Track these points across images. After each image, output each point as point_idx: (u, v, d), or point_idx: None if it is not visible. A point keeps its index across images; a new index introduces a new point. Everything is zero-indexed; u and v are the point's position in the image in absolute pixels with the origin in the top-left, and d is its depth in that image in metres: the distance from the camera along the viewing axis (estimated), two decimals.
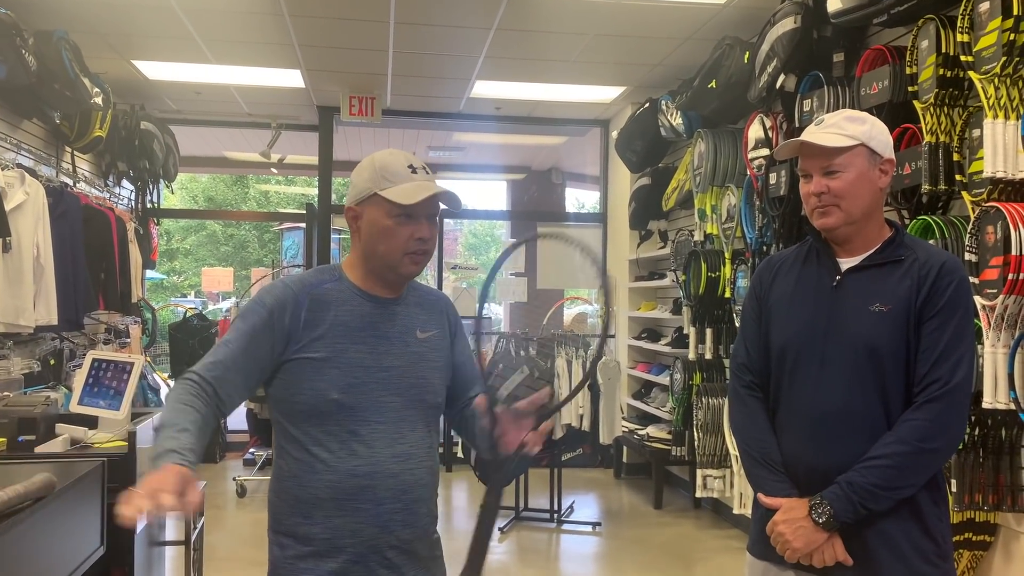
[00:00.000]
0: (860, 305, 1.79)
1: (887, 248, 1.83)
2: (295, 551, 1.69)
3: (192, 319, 7.64)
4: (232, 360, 1.67)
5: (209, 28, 5.25)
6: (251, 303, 1.75)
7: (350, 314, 1.75)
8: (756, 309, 1.99)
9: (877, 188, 1.83)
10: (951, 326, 1.73)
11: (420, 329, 1.82)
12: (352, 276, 1.80)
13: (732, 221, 4.96)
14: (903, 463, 1.70)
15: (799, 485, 1.82)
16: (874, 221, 1.85)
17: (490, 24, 5.11)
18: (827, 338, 1.81)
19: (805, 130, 1.89)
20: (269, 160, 7.88)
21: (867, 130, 1.81)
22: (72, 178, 5.57)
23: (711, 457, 5.16)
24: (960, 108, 3.15)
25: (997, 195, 2.88)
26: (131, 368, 2.84)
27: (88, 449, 2.74)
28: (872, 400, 1.74)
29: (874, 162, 1.82)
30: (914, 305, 1.75)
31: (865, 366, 1.76)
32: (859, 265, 1.84)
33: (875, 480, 1.69)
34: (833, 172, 1.80)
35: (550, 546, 5.25)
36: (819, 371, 1.79)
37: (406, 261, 1.75)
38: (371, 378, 1.72)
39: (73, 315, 4.84)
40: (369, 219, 1.74)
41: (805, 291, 1.89)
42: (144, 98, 6.78)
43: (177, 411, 1.60)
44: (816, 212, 1.84)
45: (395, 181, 1.72)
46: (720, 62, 4.82)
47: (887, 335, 1.75)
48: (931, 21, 3.17)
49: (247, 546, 4.99)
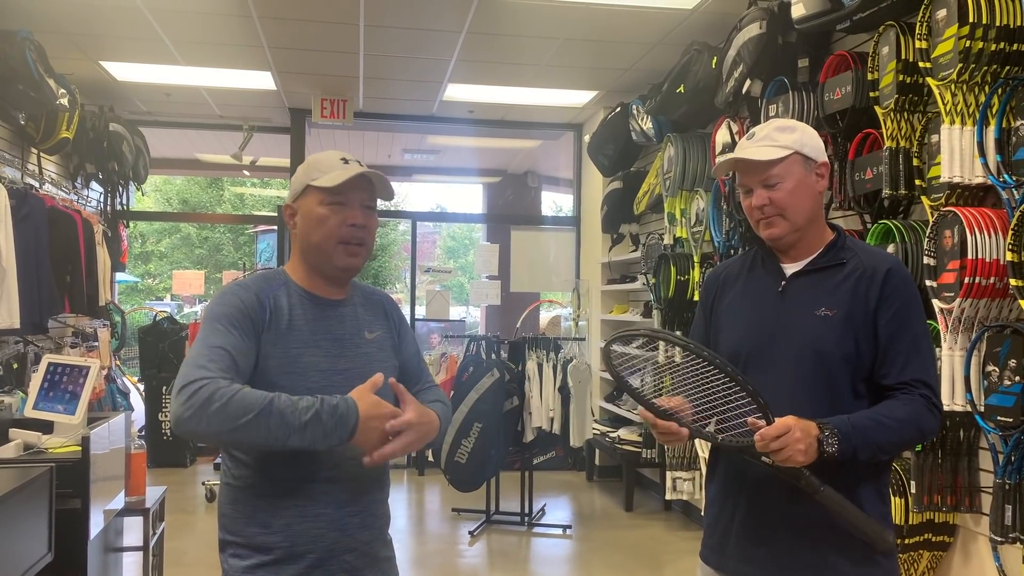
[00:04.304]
0: (806, 310, 1.81)
1: (829, 252, 1.86)
2: (255, 560, 1.67)
3: (163, 322, 7.58)
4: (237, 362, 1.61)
5: (177, 29, 5.21)
6: (222, 308, 1.67)
7: (303, 318, 1.74)
8: (704, 319, 2.02)
9: (816, 192, 1.86)
10: (911, 324, 1.77)
11: (368, 330, 1.83)
12: (296, 278, 1.80)
13: (701, 225, 4.98)
14: (904, 433, 1.73)
15: (746, 488, 1.82)
16: (816, 225, 1.88)
17: (461, 27, 5.10)
18: (774, 343, 1.82)
19: (738, 146, 1.92)
20: (241, 162, 7.84)
21: (798, 138, 1.83)
22: (38, 180, 5.51)
23: (680, 459, 5.18)
24: (919, 114, 3.18)
25: (955, 200, 2.92)
26: (88, 372, 2.81)
27: (41, 454, 2.70)
28: (820, 403, 1.75)
29: (809, 167, 1.84)
30: (865, 309, 1.77)
31: (813, 369, 1.77)
32: (803, 270, 1.86)
33: (881, 439, 1.69)
34: (772, 184, 1.82)
35: (520, 549, 5.24)
36: (767, 375, 1.79)
37: (340, 251, 1.75)
38: (328, 382, 1.70)
39: (37, 318, 4.77)
40: (304, 211, 1.77)
41: (752, 298, 1.91)
42: (113, 99, 6.71)
43: (261, 396, 1.53)
44: (761, 224, 1.87)
45: (326, 171, 1.75)
46: (688, 67, 4.84)
47: (834, 339, 1.77)
48: (891, 28, 3.20)
49: (216, 551, 4.93)
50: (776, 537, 1.78)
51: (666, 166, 5.38)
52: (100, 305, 5.94)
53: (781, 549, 1.77)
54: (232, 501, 1.72)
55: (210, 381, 1.53)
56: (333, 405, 1.55)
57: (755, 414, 1.66)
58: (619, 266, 6.95)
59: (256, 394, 1.54)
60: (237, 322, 1.65)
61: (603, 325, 7.11)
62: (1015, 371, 2.59)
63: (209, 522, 5.69)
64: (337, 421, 1.55)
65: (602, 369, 7.00)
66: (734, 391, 1.67)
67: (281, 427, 1.52)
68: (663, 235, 5.60)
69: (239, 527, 1.70)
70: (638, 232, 6.62)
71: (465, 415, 5.34)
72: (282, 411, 1.52)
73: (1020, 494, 2.61)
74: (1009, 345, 2.62)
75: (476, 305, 12.21)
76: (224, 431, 1.51)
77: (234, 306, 1.67)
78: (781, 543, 1.77)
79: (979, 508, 2.92)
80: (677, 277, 5.11)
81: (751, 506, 1.81)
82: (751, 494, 1.81)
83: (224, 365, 1.58)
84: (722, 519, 1.88)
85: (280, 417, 1.52)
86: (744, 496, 1.83)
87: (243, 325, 1.66)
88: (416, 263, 8.27)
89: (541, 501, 6.05)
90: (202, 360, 1.57)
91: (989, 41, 2.74)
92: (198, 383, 1.52)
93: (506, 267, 7.84)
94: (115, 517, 3.23)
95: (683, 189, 5.22)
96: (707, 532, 1.96)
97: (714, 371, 1.68)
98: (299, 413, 1.53)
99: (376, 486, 1.79)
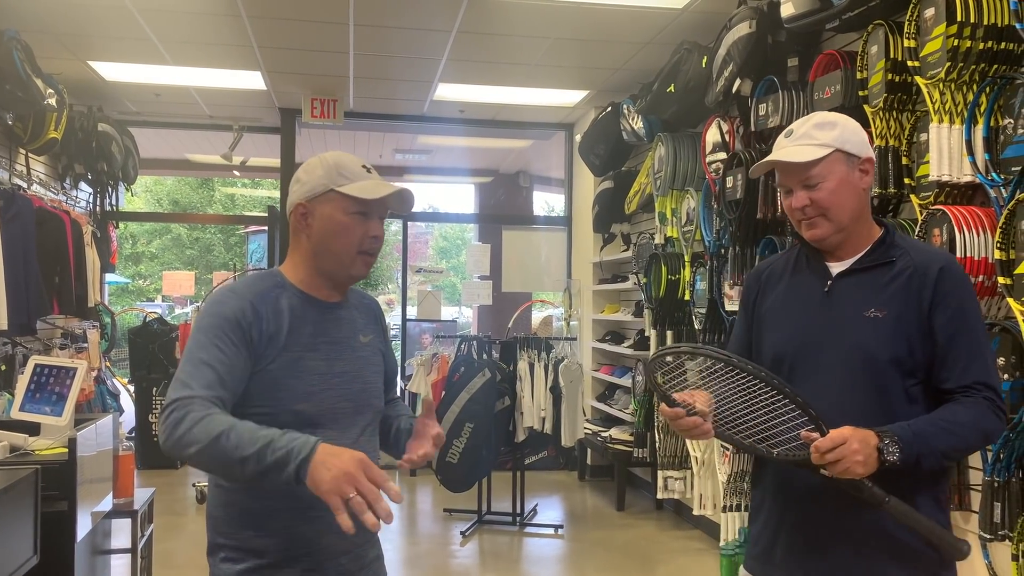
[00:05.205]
0: (854, 311, 1.74)
1: (877, 250, 1.78)
2: (248, 564, 1.65)
3: (152, 323, 7.55)
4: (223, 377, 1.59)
5: (166, 29, 5.19)
6: (210, 319, 1.64)
7: (301, 321, 1.71)
8: (746, 321, 1.94)
9: (860, 190, 1.77)
10: (970, 325, 1.70)
11: (362, 333, 1.82)
12: (295, 279, 1.76)
13: (691, 224, 4.99)
14: (968, 438, 1.67)
15: (797, 498, 1.75)
16: (863, 223, 1.79)
17: (451, 27, 5.10)
18: (822, 346, 1.75)
19: (776, 143, 1.84)
20: (231, 162, 7.81)
21: (839, 134, 1.75)
22: (26, 180, 5.47)
23: (672, 459, 5.18)
24: (908, 112, 3.18)
25: (943, 198, 2.92)
26: (75, 373, 2.79)
27: (27, 456, 2.68)
28: (870, 408, 1.68)
29: (852, 164, 1.76)
30: (919, 310, 1.70)
31: (862, 373, 1.71)
32: (849, 269, 1.78)
33: (945, 445, 1.63)
34: (813, 184, 1.74)
35: (512, 549, 5.23)
36: (815, 379, 1.72)
37: (359, 262, 1.73)
38: (327, 385, 1.69)
39: (25, 319, 4.75)
40: (323, 215, 1.71)
41: (797, 299, 1.83)
42: (102, 99, 6.68)
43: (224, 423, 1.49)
44: (804, 224, 1.79)
45: (352, 178, 1.71)
46: (678, 66, 4.84)
47: (884, 341, 1.70)
48: (880, 27, 3.20)
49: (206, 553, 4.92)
50: (828, 548, 1.71)
51: (657, 166, 5.38)
52: (89, 306, 5.91)
53: (835, 560, 1.71)
54: (224, 504, 1.69)
55: (188, 402, 1.52)
56: (290, 438, 1.46)
57: (808, 426, 1.60)
58: (610, 266, 6.95)
59: (222, 419, 1.50)
60: (226, 333, 1.61)
61: (594, 325, 7.11)
62: (1004, 369, 2.60)
63: (199, 524, 5.65)
64: (285, 454, 1.44)
65: (594, 369, 7.01)
66: (783, 403, 1.60)
67: (235, 453, 1.46)
68: (654, 235, 5.60)
69: (232, 530, 1.67)
70: (629, 232, 6.62)
71: (456, 415, 5.33)
72: (240, 436, 1.47)
73: (1009, 492, 2.61)
74: (998, 343, 2.63)
75: (468, 305, 12.20)
76: (194, 455, 1.49)
77: (223, 316, 1.63)
78: (834, 554, 1.71)
79: (968, 506, 2.92)
80: (668, 276, 5.12)
81: (801, 515, 1.75)
82: (801, 503, 1.74)
83: (207, 382, 1.55)
84: (768, 527, 1.82)
85: (237, 443, 1.46)
86: (794, 505, 1.76)
87: (233, 335, 1.62)
88: (408, 263, 8.27)
89: (533, 501, 6.05)
90: (185, 377, 1.56)
91: (977, 40, 2.74)
92: (175, 403, 1.53)
93: (498, 267, 7.84)
94: (103, 519, 3.21)
95: (674, 188, 5.22)
96: (752, 541, 1.88)
97: (761, 385, 1.61)
98: (254, 441, 1.46)
99: None
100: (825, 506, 1.69)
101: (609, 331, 6.95)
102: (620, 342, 6.62)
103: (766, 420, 1.64)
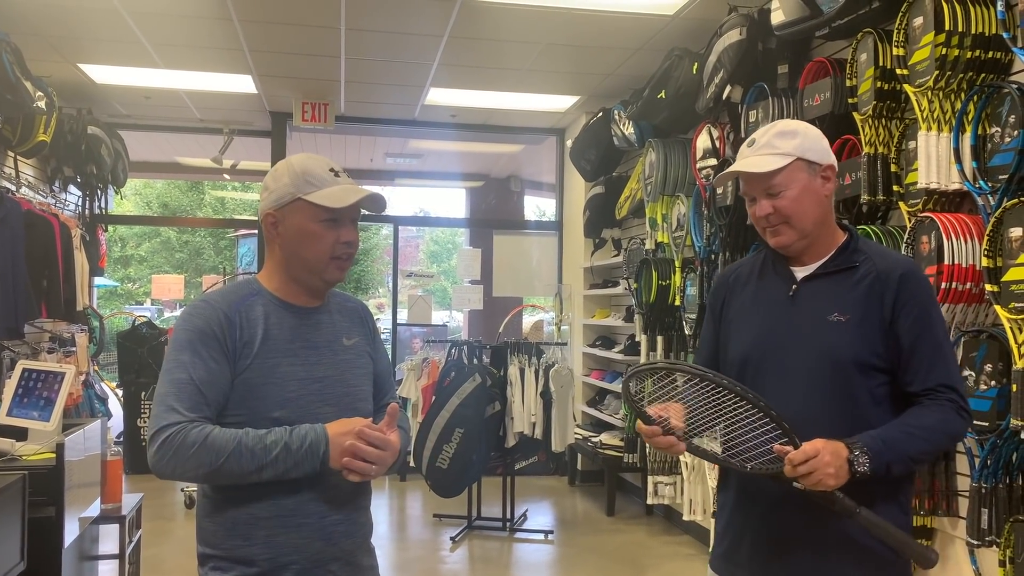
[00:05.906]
0: (818, 315, 1.76)
1: (841, 255, 1.81)
2: (236, 573, 1.65)
3: (141, 327, 7.52)
4: (205, 394, 1.62)
5: (157, 32, 5.17)
6: (186, 333, 1.65)
7: (278, 327, 1.71)
8: (713, 325, 1.96)
9: (823, 197, 1.80)
10: (932, 329, 1.73)
11: (345, 336, 1.81)
12: (271, 286, 1.76)
13: (682, 230, 5.00)
14: (934, 441, 1.69)
15: (758, 499, 1.78)
16: (826, 229, 1.82)
17: (442, 32, 5.10)
18: (787, 349, 1.78)
19: (739, 152, 1.87)
20: (221, 166, 7.78)
21: (800, 143, 1.78)
22: (15, 183, 5.45)
23: (662, 464, 5.19)
24: (897, 120, 3.21)
25: (932, 205, 2.94)
26: (63, 378, 2.77)
27: (14, 462, 2.66)
28: (835, 410, 1.71)
29: (814, 172, 1.78)
30: (881, 315, 1.73)
31: (825, 376, 1.73)
32: (813, 274, 1.81)
33: (913, 450, 1.66)
34: (775, 193, 1.77)
35: (502, 555, 5.23)
36: (779, 382, 1.75)
37: (332, 267, 1.73)
38: (306, 390, 1.69)
39: (13, 323, 4.73)
40: (292, 224, 1.71)
41: (762, 303, 1.86)
42: (92, 102, 6.65)
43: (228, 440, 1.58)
44: (768, 232, 1.82)
45: (319, 185, 1.70)
46: (669, 73, 4.86)
47: (847, 345, 1.72)
48: (869, 35, 3.22)
49: (194, 558, 4.89)
50: (792, 551, 1.74)
51: (647, 171, 5.40)
52: (78, 310, 5.88)
53: (797, 564, 1.73)
54: (210, 513, 1.69)
55: (180, 427, 1.57)
56: (302, 435, 1.60)
57: (782, 439, 1.62)
58: (601, 271, 6.96)
59: (225, 436, 1.58)
60: (203, 345, 1.63)
61: (585, 329, 7.11)
62: (991, 376, 2.62)
63: (188, 529, 5.63)
64: (307, 450, 1.59)
65: (585, 374, 7.01)
66: (758, 417, 1.62)
67: (252, 464, 1.57)
68: (645, 240, 5.61)
69: (219, 540, 1.67)
70: (620, 237, 6.64)
71: (447, 420, 5.32)
72: (252, 449, 1.57)
73: (996, 498, 2.63)
74: (985, 350, 2.64)
75: (459, 310, 12.19)
76: (200, 476, 1.59)
77: (198, 329, 1.64)
78: (797, 557, 1.73)
79: (956, 512, 2.93)
80: (659, 282, 5.13)
81: (766, 518, 1.77)
82: (767, 506, 1.76)
83: (192, 403, 1.60)
84: (732, 527, 1.84)
85: (251, 455, 1.57)
86: (759, 507, 1.78)
87: (210, 347, 1.63)
88: (398, 267, 8.25)
89: (523, 506, 6.04)
90: (170, 400, 1.60)
91: (965, 48, 2.77)
92: (168, 430, 1.57)
93: (489, 271, 7.84)
94: (91, 525, 3.19)
95: (664, 194, 5.24)
96: (717, 540, 1.90)
97: (735, 399, 1.63)
98: (268, 449, 1.58)
99: (359, 493, 1.76)
100: (788, 509, 1.72)
101: (600, 336, 6.96)
102: (611, 347, 6.63)
103: (742, 433, 1.66)
